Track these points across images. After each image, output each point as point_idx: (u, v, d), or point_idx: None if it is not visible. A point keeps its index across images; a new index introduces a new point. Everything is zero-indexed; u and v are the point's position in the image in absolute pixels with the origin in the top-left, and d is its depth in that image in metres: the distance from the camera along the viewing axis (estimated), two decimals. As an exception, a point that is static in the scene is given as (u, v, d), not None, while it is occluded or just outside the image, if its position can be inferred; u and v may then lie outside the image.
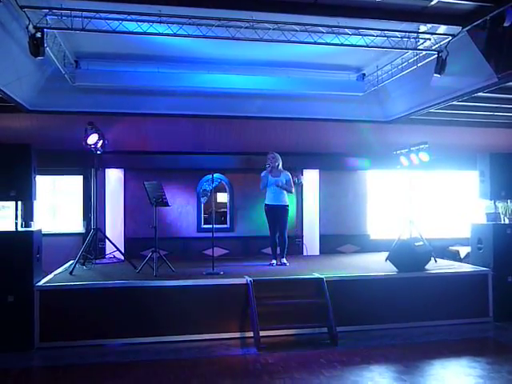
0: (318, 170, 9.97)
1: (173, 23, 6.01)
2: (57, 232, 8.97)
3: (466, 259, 8.81)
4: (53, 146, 8.49)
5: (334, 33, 6.36)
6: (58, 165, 8.94)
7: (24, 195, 6.23)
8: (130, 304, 6.08)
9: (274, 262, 7.98)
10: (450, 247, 9.97)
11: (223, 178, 9.70)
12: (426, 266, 7.27)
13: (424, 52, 6.92)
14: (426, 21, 6.24)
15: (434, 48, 6.68)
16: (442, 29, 6.44)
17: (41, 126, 8.70)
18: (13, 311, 5.80)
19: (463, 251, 9.48)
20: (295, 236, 9.65)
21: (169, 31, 6.10)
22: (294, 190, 8.19)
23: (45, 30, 5.77)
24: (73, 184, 9.36)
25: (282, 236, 8.00)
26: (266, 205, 8.00)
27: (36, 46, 5.70)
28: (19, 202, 6.51)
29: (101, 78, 8.01)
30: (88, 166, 8.54)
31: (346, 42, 6.53)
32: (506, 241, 7.22)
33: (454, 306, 6.89)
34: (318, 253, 9.79)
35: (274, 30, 6.20)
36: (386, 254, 7.96)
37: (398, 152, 9.07)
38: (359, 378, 4.87)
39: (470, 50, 6.45)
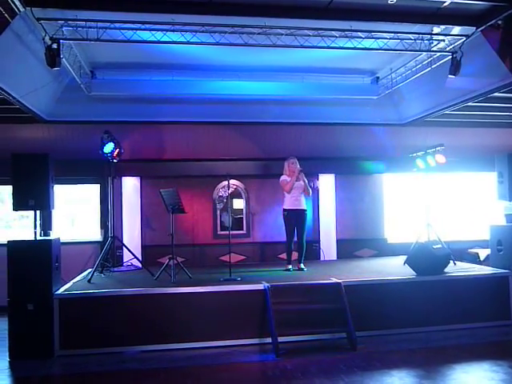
0: (333, 175, 9.94)
1: (186, 31, 6.05)
2: (75, 240, 9.05)
3: (486, 261, 8.69)
4: (70, 155, 8.57)
5: (347, 37, 6.35)
6: (75, 174, 9.04)
7: (42, 204, 6.31)
8: (149, 311, 6.11)
9: (290, 267, 7.91)
10: (469, 250, 9.85)
11: (239, 184, 9.71)
12: (445, 269, 7.20)
13: (438, 53, 6.86)
14: (440, 22, 6.20)
15: (448, 49, 6.62)
16: (456, 30, 6.39)
17: (58, 136, 8.79)
18: (33, 319, 5.86)
19: (483, 253, 9.36)
20: (312, 241, 9.61)
21: (182, 39, 6.14)
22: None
23: (61, 41, 5.84)
24: (90, 192, 9.47)
25: (302, 241, 7.94)
26: (285, 209, 7.90)
27: (52, 57, 5.77)
28: (38, 212, 6.60)
29: (116, 87, 8.09)
30: (104, 174, 8.63)
31: (359, 46, 6.50)
32: (527, 242, 7.12)
33: (475, 310, 6.80)
34: (335, 257, 9.73)
35: (286, 35, 6.21)
36: (403, 258, 7.90)
37: (414, 155, 9.02)
38: (379, 384, 4.83)
39: (484, 51, 6.39)
